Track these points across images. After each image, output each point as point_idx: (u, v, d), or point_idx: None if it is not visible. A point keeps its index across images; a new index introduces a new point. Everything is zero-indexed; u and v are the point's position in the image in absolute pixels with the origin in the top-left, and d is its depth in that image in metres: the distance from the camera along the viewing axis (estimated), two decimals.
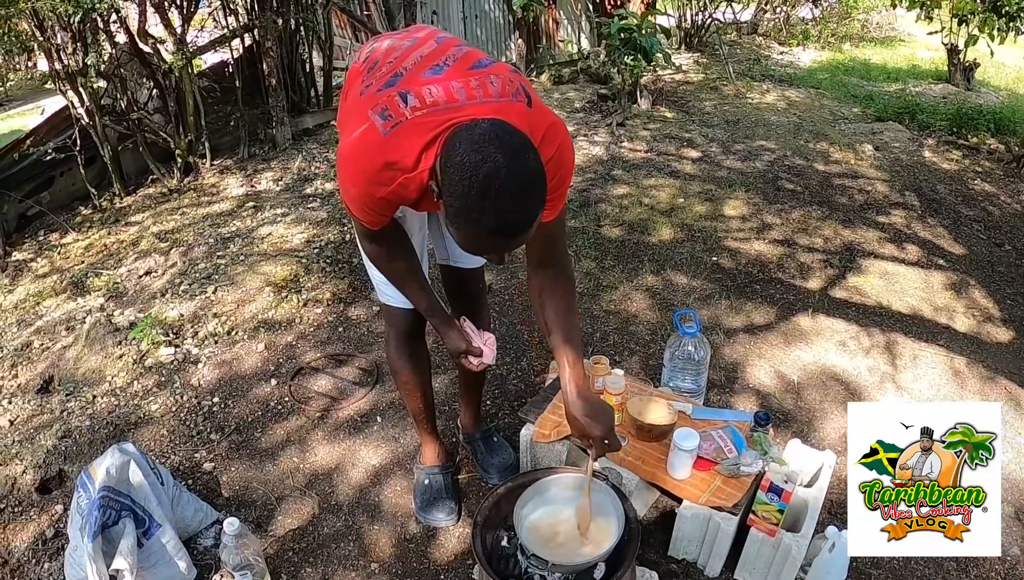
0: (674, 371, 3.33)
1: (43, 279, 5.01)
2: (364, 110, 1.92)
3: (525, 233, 1.75)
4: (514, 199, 1.67)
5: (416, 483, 3.08)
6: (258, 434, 3.44)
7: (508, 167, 1.65)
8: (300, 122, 7.73)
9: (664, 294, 4.53)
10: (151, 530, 2.60)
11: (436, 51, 2.02)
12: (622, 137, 7.66)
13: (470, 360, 2.43)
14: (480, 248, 1.83)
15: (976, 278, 4.96)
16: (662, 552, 2.77)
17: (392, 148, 1.85)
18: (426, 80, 1.92)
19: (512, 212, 1.69)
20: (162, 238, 5.41)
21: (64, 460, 3.27)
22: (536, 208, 1.74)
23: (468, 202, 1.67)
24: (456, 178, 1.68)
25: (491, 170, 1.64)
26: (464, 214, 1.70)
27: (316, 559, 2.83)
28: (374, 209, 2.03)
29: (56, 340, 4.16)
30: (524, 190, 1.69)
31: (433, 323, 2.43)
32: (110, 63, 5.98)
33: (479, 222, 1.68)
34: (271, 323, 4.21)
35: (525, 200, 1.70)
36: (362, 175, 1.92)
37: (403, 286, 2.41)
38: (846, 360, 4.01)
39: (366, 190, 1.94)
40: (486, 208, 1.66)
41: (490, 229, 1.69)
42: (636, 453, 2.78)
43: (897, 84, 10.83)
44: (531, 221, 1.74)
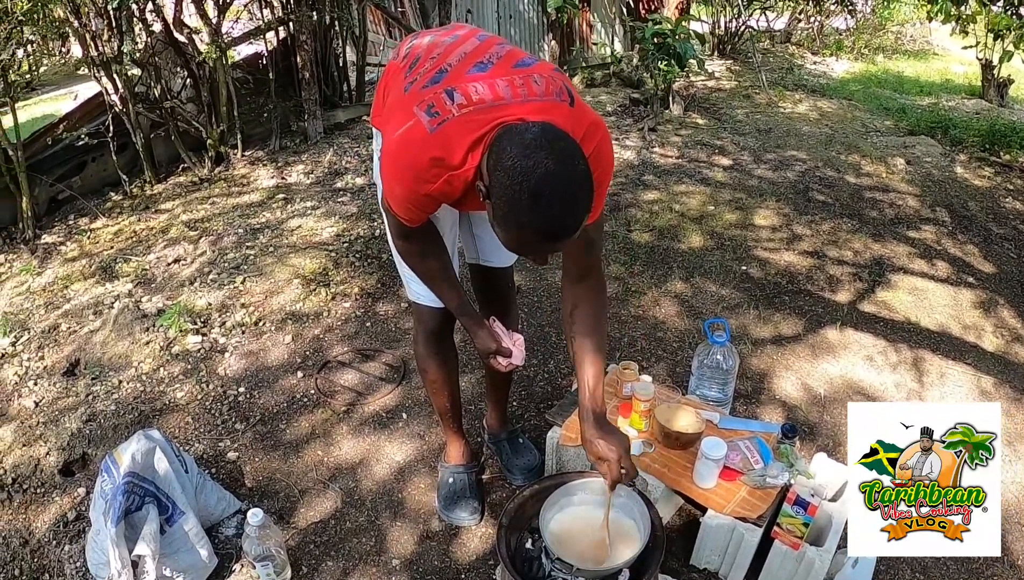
0: (702, 379, 3.31)
1: (72, 263, 5.03)
2: (409, 106, 1.93)
3: (572, 236, 1.76)
4: (564, 204, 1.69)
5: (440, 481, 3.07)
6: (283, 426, 3.45)
7: (558, 174, 1.67)
8: (332, 116, 7.75)
9: (693, 302, 4.51)
10: (174, 517, 2.60)
11: (479, 48, 2.02)
12: (653, 142, 7.61)
13: (499, 360, 2.39)
14: (525, 250, 1.84)
15: (1005, 297, 4.90)
16: (684, 560, 2.75)
17: (439, 144, 1.85)
18: (471, 77, 1.92)
19: (561, 217, 1.70)
20: (192, 227, 5.43)
21: (88, 444, 3.29)
22: (583, 212, 1.75)
23: (518, 206, 1.69)
24: (506, 182, 1.69)
25: (542, 176, 1.66)
26: (513, 217, 1.72)
27: (337, 553, 2.83)
28: (417, 206, 2.02)
29: (83, 324, 4.17)
30: (573, 196, 1.71)
31: (463, 322, 2.41)
32: (145, 51, 6.00)
33: (528, 225, 1.71)
34: (299, 315, 4.21)
35: (574, 205, 1.72)
36: (409, 171, 1.91)
37: (434, 284, 2.39)
38: (873, 375, 3.97)
39: (412, 187, 1.94)
40: (536, 213, 1.68)
41: (538, 232, 1.72)
42: (662, 461, 2.76)
43: (930, 98, 10.73)
44: (578, 225, 1.75)
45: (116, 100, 5.84)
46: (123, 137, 6.09)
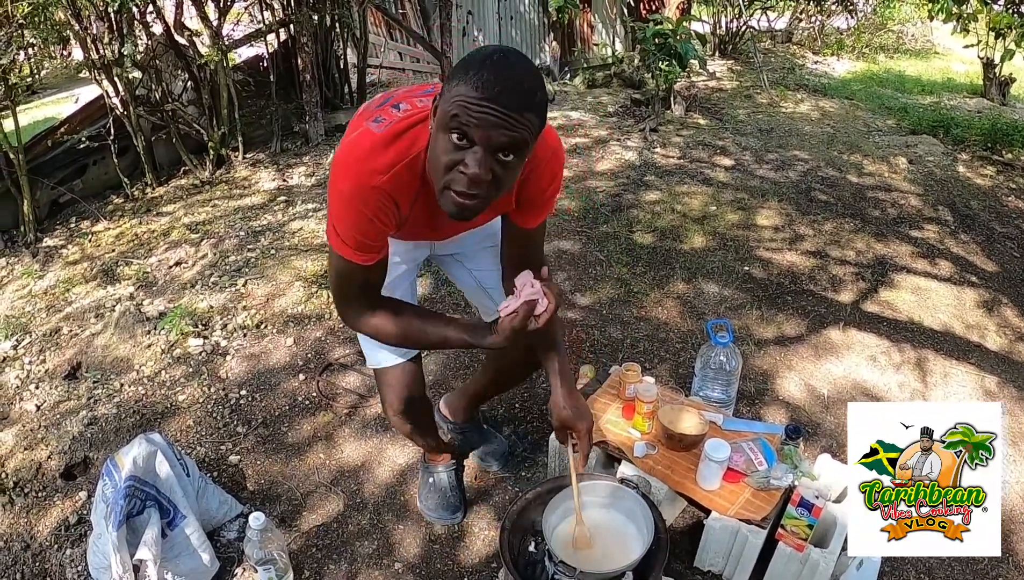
0: (705, 380, 3.30)
1: (73, 266, 5.02)
2: (358, 125, 1.96)
3: (519, 109, 1.65)
4: (521, 69, 1.68)
5: (420, 481, 3.06)
6: (285, 428, 3.44)
7: (523, 56, 1.72)
8: (333, 118, 7.73)
9: (695, 302, 4.50)
10: (175, 521, 2.59)
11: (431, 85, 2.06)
12: (655, 143, 7.62)
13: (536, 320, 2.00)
14: (464, 111, 1.64)
15: (1009, 297, 4.90)
16: (688, 563, 2.74)
17: (387, 139, 1.85)
18: (420, 96, 1.98)
19: (513, 74, 1.66)
20: (193, 229, 5.42)
21: (89, 447, 3.28)
22: (533, 91, 1.69)
23: (471, 59, 1.68)
24: (469, 54, 1.72)
25: (506, 48, 1.70)
26: (462, 71, 1.66)
27: (340, 556, 2.82)
28: (369, 214, 1.88)
29: (85, 327, 4.17)
30: (529, 71, 1.69)
31: (478, 345, 2.10)
32: (146, 54, 6.00)
33: (474, 74, 1.63)
34: (300, 318, 4.20)
35: (531, 77, 1.69)
36: (355, 165, 1.85)
37: (414, 333, 2.16)
38: (876, 375, 3.97)
39: (361, 183, 1.84)
40: (488, 64, 1.64)
41: (483, 81, 1.62)
42: (666, 462, 2.75)
43: (931, 97, 10.75)
44: (527, 98, 1.67)
45: (117, 103, 5.83)
46: (124, 140, 6.09)
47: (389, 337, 2.17)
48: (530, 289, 1.93)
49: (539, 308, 1.94)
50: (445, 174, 1.73)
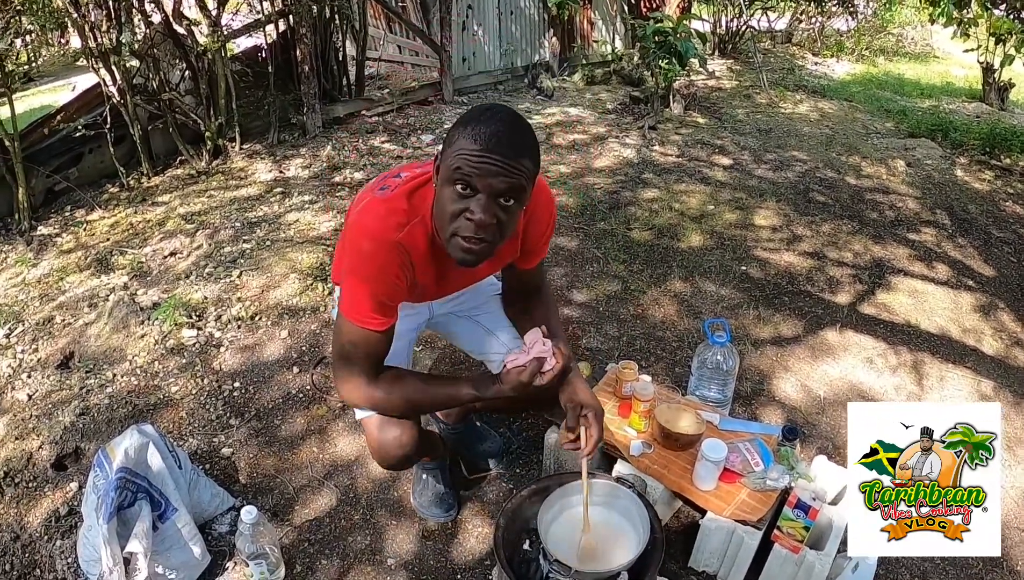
0: (701, 380, 3.29)
1: (67, 255, 4.99)
2: (365, 197, 2.13)
3: (516, 157, 1.82)
4: (512, 122, 1.85)
5: (414, 477, 3.04)
6: (278, 422, 3.41)
7: (511, 110, 1.90)
8: (331, 110, 7.72)
9: (692, 301, 4.48)
10: (167, 514, 2.57)
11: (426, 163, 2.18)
12: (653, 141, 7.62)
13: (540, 377, 2.09)
14: (466, 163, 1.81)
15: (1005, 301, 4.91)
16: (683, 563, 2.72)
17: (398, 200, 2.02)
18: (420, 168, 2.16)
19: (507, 127, 1.82)
20: (188, 220, 5.39)
21: (81, 438, 3.25)
22: (525, 140, 1.86)
23: (467, 117, 1.85)
24: (459, 119, 1.88)
25: (496, 105, 1.91)
26: (460, 128, 1.84)
27: (332, 551, 2.80)
28: (390, 269, 2.01)
29: (78, 316, 4.13)
30: (520, 124, 1.87)
31: (480, 397, 2.17)
32: (144, 43, 5.96)
33: (472, 129, 1.80)
34: (296, 310, 4.18)
35: (522, 129, 1.87)
36: (374, 224, 2.00)
37: (425, 394, 2.20)
38: (873, 377, 3.96)
39: (384, 238, 1.99)
40: (483, 118, 1.82)
41: (481, 135, 1.79)
42: (662, 462, 2.73)
43: (930, 100, 10.76)
44: (522, 148, 1.84)
45: (114, 91, 5.80)
46: (121, 129, 6.04)
47: (396, 407, 2.21)
48: (540, 346, 2.07)
49: (546, 365, 2.06)
50: (452, 222, 1.87)
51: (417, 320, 2.64)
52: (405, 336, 2.51)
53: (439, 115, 8.41)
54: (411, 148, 7.12)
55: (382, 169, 6.38)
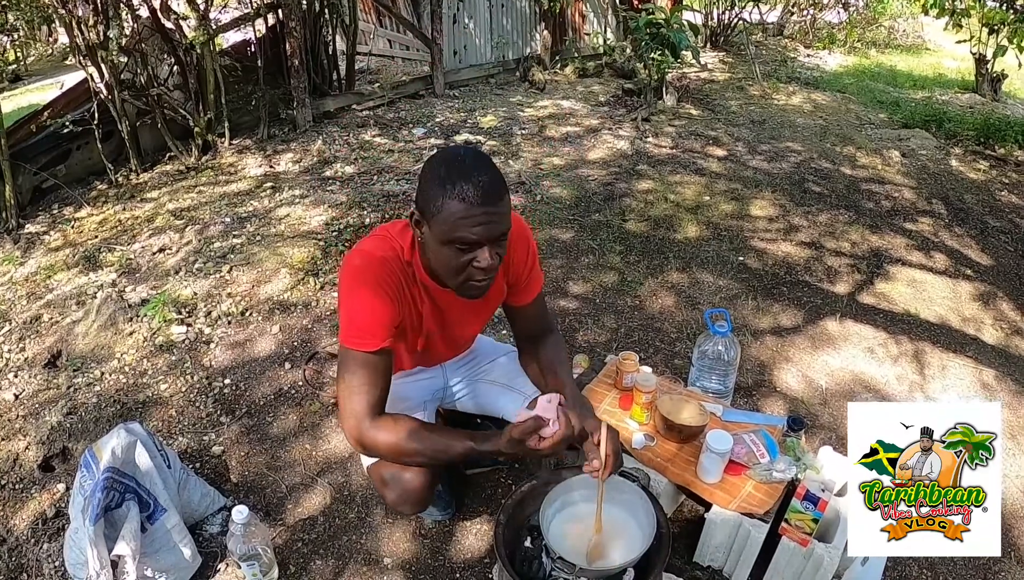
0: (702, 371, 3.23)
1: (55, 253, 4.92)
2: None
3: (500, 200, 1.93)
4: (482, 166, 1.93)
5: None
6: (270, 419, 3.35)
7: (471, 151, 2.00)
8: (321, 104, 7.67)
9: (690, 292, 4.45)
10: (156, 514, 2.50)
11: None
12: (647, 132, 7.60)
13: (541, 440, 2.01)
14: (463, 227, 1.90)
15: (1004, 290, 4.88)
16: (687, 558, 2.67)
17: (381, 237, 2.18)
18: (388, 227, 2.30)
19: (483, 175, 1.90)
20: (177, 216, 5.33)
21: (68, 437, 3.19)
22: (500, 178, 1.95)
23: (442, 176, 1.90)
24: (428, 175, 1.94)
25: (456, 152, 1.99)
26: (441, 190, 1.89)
27: (327, 551, 2.73)
28: (379, 282, 2.08)
29: (66, 314, 4.08)
30: (487, 162, 1.97)
31: (478, 450, 2.09)
32: (131, 37, 5.90)
33: (456, 191, 1.87)
34: (287, 305, 4.12)
35: (492, 169, 1.94)
36: (362, 248, 2.15)
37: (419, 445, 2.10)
38: (874, 367, 3.92)
39: (371, 255, 2.11)
40: (459, 175, 1.88)
41: (467, 194, 1.86)
42: (665, 454, 2.67)
43: (923, 92, 10.76)
44: (499, 187, 1.93)
45: (102, 87, 5.74)
46: (108, 125, 6.00)
47: (385, 449, 2.14)
48: (545, 405, 2.00)
49: (547, 430, 1.99)
50: (459, 274, 2.01)
51: (432, 387, 2.70)
52: (420, 406, 2.61)
53: (430, 108, 8.37)
54: (402, 141, 7.08)
55: (374, 163, 6.38)
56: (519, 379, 2.62)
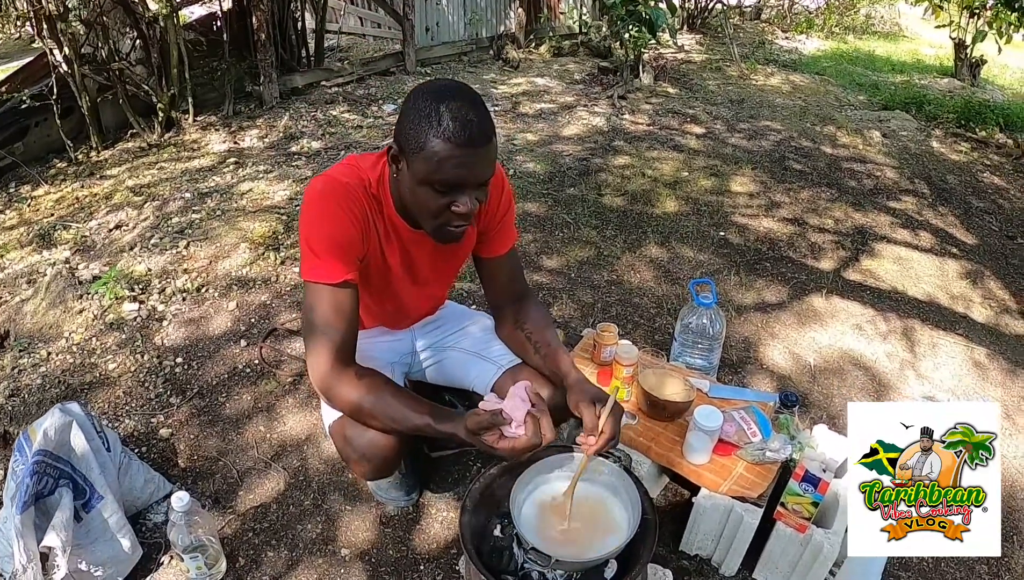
0: (685, 346, 3.06)
1: (9, 232, 4.76)
2: None
3: (488, 143, 1.80)
4: (469, 103, 1.78)
5: None
6: (222, 399, 3.16)
7: (462, 86, 1.85)
8: (289, 80, 7.53)
9: (669, 266, 4.34)
10: (92, 502, 2.28)
11: None
12: (623, 109, 7.56)
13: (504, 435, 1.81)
14: (446, 168, 1.78)
15: (990, 269, 4.82)
16: (672, 546, 2.50)
17: (346, 166, 2.05)
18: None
19: (472, 114, 1.76)
20: (137, 192, 5.15)
21: (10, 421, 3.01)
22: (489, 120, 1.82)
23: (427, 111, 1.76)
24: (412, 108, 1.80)
25: (445, 85, 1.83)
26: (425, 126, 1.76)
27: (280, 541, 2.53)
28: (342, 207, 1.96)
29: (15, 294, 3.91)
30: (477, 100, 1.82)
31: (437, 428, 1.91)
32: (92, 9, 5.68)
33: (442, 128, 1.74)
34: (245, 281, 3.94)
35: (482, 108, 1.81)
36: (326, 174, 2.01)
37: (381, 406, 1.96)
38: (863, 344, 3.82)
39: (333, 180, 1.98)
40: (446, 111, 1.74)
41: (452, 133, 1.74)
42: (648, 434, 2.49)
43: (902, 76, 10.79)
44: (485, 131, 1.79)
45: (61, 61, 5.59)
46: (68, 100, 5.86)
47: (358, 408, 1.99)
48: (516, 402, 1.80)
49: (509, 429, 1.80)
50: (436, 218, 1.90)
51: (400, 349, 2.55)
52: (387, 367, 2.38)
53: (401, 85, 8.27)
54: (372, 117, 6.96)
55: (342, 139, 6.25)
56: (492, 348, 2.42)
